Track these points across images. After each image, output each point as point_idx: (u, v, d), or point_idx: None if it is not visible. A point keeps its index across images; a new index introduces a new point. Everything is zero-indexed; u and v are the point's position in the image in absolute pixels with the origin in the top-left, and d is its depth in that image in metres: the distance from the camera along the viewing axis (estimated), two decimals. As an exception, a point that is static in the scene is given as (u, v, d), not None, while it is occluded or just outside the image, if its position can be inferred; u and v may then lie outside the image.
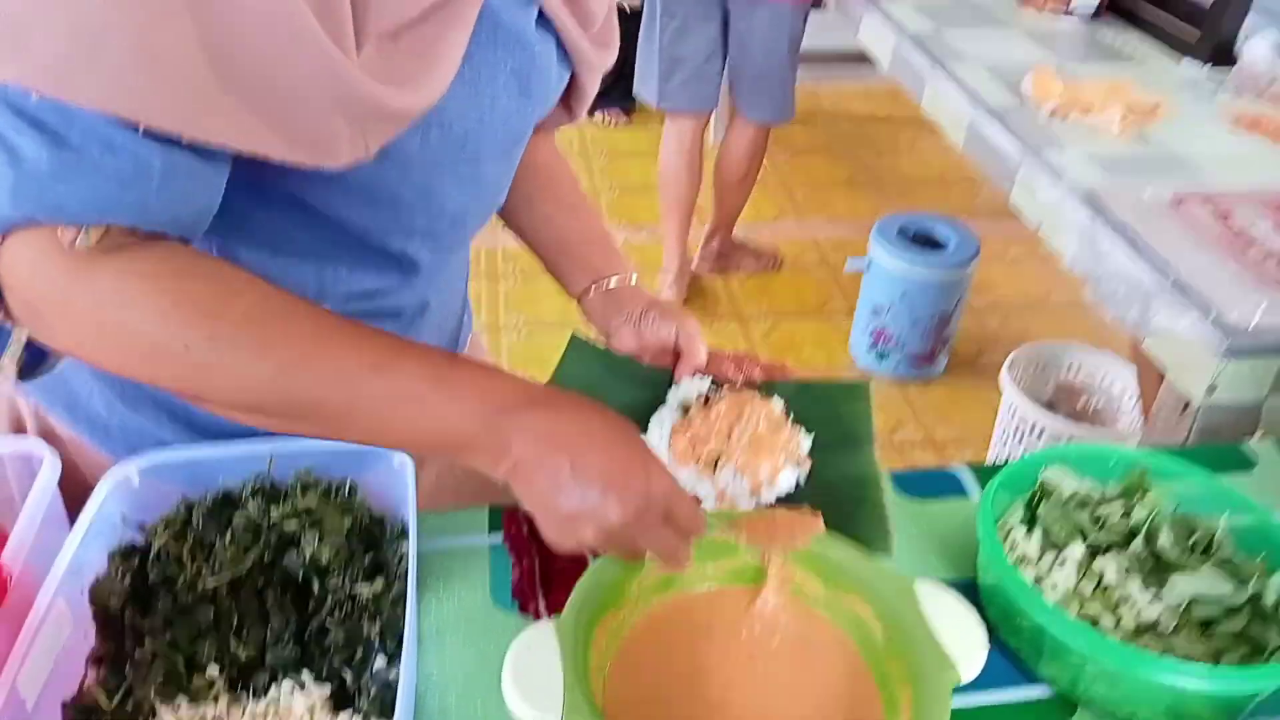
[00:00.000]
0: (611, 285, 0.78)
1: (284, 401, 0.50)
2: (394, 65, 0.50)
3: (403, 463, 0.64)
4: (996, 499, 0.65)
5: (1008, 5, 1.76)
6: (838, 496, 0.68)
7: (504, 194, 0.70)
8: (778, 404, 0.74)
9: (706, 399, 0.74)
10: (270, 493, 0.63)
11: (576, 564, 0.64)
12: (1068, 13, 1.68)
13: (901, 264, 2.01)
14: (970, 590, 0.62)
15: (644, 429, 0.72)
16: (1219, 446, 0.82)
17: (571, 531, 0.51)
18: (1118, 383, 1.79)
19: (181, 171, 0.47)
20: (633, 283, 0.79)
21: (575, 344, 0.78)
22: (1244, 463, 0.79)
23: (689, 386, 0.75)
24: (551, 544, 0.53)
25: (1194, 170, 1.20)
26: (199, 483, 0.63)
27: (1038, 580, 0.63)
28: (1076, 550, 0.64)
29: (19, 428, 0.70)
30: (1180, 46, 1.54)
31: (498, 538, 0.69)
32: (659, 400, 0.75)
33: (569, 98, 0.70)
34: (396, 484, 0.64)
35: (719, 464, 0.69)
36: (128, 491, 0.61)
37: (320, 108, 0.47)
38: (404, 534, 0.63)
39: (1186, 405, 0.95)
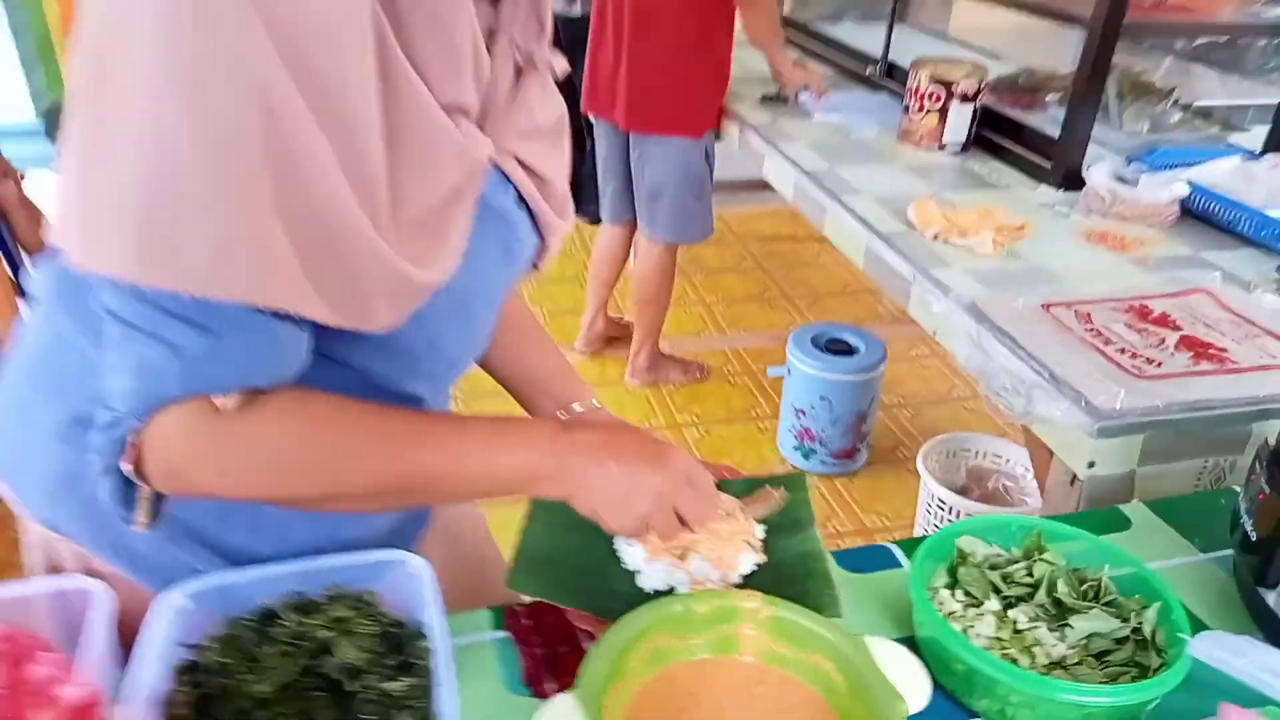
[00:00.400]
0: (577, 410, 0.89)
1: (398, 481, 0.63)
2: (419, 247, 0.61)
3: (418, 568, 0.73)
4: (923, 566, 0.78)
5: (889, 142, 2.02)
6: (791, 573, 0.80)
7: (489, 340, 0.82)
8: (730, 500, 0.86)
9: None
10: (304, 606, 0.72)
11: (576, 652, 0.74)
12: (941, 147, 1.93)
13: (818, 369, 2.20)
14: (910, 643, 0.74)
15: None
16: (1101, 510, 0.97)
17: (630, 510, 0.66)
18: (1019, 464, 1.98)
19: (293, 337, 0.58)
20: (595, 405, 0.90)
21: None
22: (1122, 523, 0.94)
23: None
24: (617, 529, 0.68)
25: (1058, 280, 1.40)
26: (239, 602, 0.71)
27: (964, 630, 0.75)
28: (993, 604, 0.77)
29: (56, 567, 0.77)
30: (1037, 174, 1.80)
31: (500, 634, 0.78)
32: None
33: (536, 256, 0.82)
34: (412, 588, 0.73)
35: (687, 555, 0.80)
36: (180, 615, 0.69)
37: (368, 285, 0.58)
38: (422, 634, 0.71)
39: (1074, 479, 1.11)
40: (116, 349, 0.56)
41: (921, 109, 1.92)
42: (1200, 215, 1.60)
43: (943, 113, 1.90)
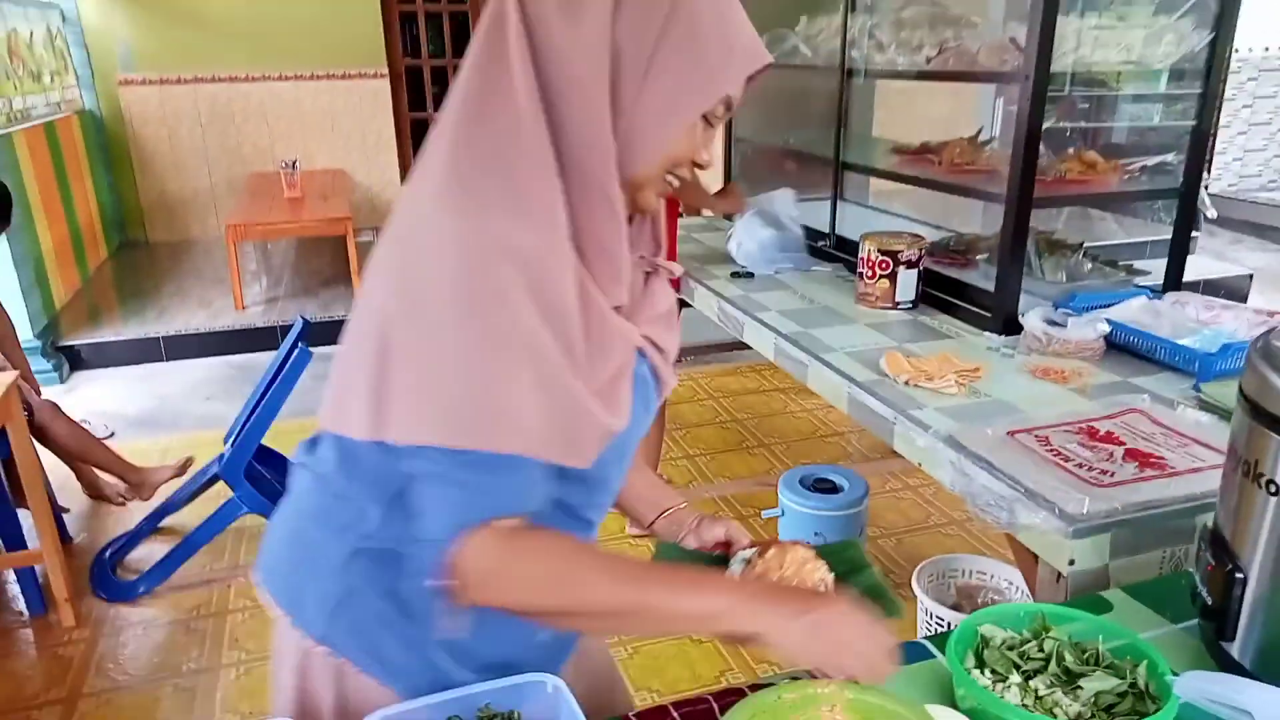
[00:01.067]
0: (670, 513, 1.14)
1: (621, 607, 0.83)
2: (608, 406, 0.85)
3: (557, 687, 0.89)
4: (955, 650, 0.96)
5: (849, 304, 2.31)
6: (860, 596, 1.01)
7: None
8: (802, 550, 1.05)
9: (749, 560, 1.06)
10: (464, 728, 0.87)
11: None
12: (894, 306, 2.23)
13: (810, 508, 2.40)
14: (958, 712, 0.91)
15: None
16: (1088, 597, 1.17)
17: (809, 649, 0.83)
18: (1003, 579, 2.17)
19: (544, 475, 0.83)
20: (682, 507, 1.15)
21: (662, 546, 1.13)
22: (1106, 606, 1.14)
23: (740, 555, 1.08)
24: (807, 660, 0.84)
25: (1015, 411, 1.65)
26: (413, 729, 0.86)
27: (998, 698, 0.93)
28: (1016, 677, 0.95)
29: (306, 678, 0.95)
30: (980, 323, 2.09)
31: (619, 743, 0.93)
32: (725, 564, 1.08)
33: None
34: (553, 706, 0.89)
35: None
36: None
37: (585, 435, 0.83)
38: (562, 745, 0.87)
39: (1059, 576, 1.31)
40: (428, 497, 0.80)
41: (874, 275, 2.22)
42: (1123, 347, 1.89)
43: (892, 277, 2.20)
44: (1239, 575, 0.94)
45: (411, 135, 7.18)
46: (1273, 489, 0.90)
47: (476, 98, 0.80)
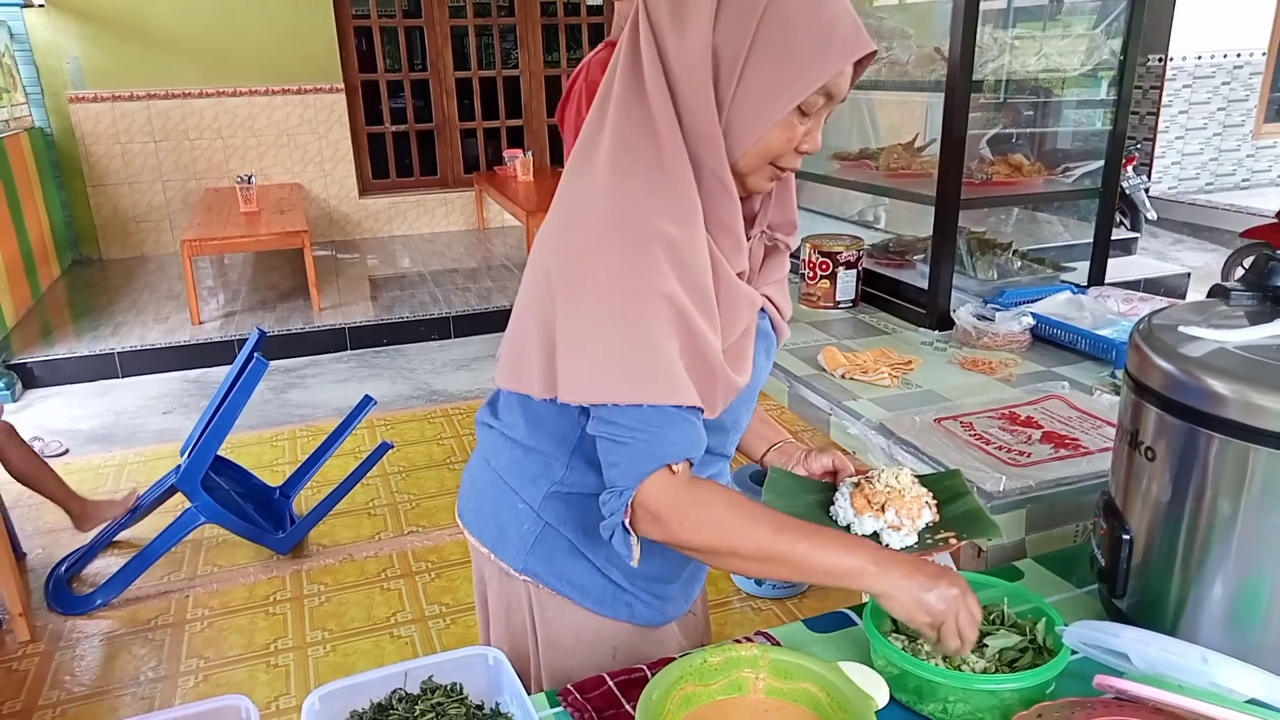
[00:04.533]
0: (779, 446, 1.25)
1: (775, 552, 0.93)
2: (734, 364, 0.97)
3: (497, 659, 0.95)
4: (873, 617, 1.02)
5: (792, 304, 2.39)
6: (961, 519, 1.10)
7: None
8: (907, 474, 1.13)
9: (858, 484, 1.13)
10: (408, 698, 0.92)
11: (620, 713, 0.96)
12: (835, 305, 2.31)
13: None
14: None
15: (832, 502, 1.14)
16: (1002, 567, 1.25)
17: (927, 610, 0.92)
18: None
19: (700, 424, 0.94)
20: (790, 440, 1.26)
21: (774, 471, 1.21)
22: (1017, 574, 1.22)
23: (849, 480, 1.15)
24: (912, 622, 0.93)
25: (944, 399, 1.73)
26: (360, 699, 0.91)
27: (909, 656, 1.00)
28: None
29: (509, 598, 1.16)
30: (915, 319, 2.18)
31: (559, 709, 0.99)
32: (833, 491, 1.16)
33: None
34: (491, 677, 0.95)
35: (885, 508, 1.08)
36: (311, 713, 0.88)
37: (718, 390, 0.95)
38: (500, 714, 0.92)
39: (979, 551, 1.39)
40: (610, 450, 0.92)
41: (815, 276, 2.30)
42: (1047, 339, 1.99)
43: (832, 278, 2.28)
44: (1126, 537, 1.03)
45: (369, 148, 7.20)
46: (1150, 455, 0.98)
47: (624, 102, 0.93)
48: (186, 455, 2.73)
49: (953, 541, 1.07)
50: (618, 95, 0.94)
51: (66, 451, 3.75)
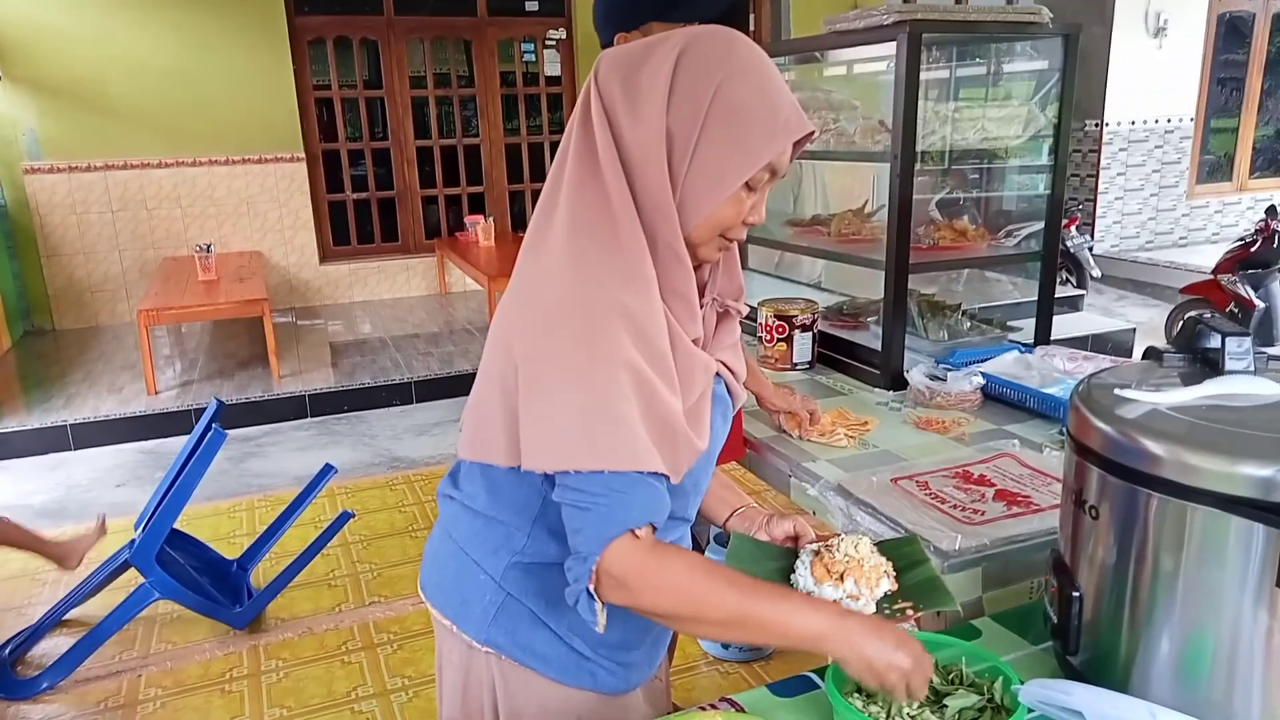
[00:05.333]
0: (741, 511, 1.27)
1: (740, 618, 0.95)
2: (694, 426, 0.99)
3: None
4: (834, 678, 1.04)
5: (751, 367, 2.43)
6: (918, 588, 1.12)
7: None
8: (866, 543, 1.14)
9: (818, 552, 1.15)
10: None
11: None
12: (793, 367, 2.36)
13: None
14: (835, 734, 0.99)
15: (792, 571, 1.15)
16: (960, 626, 1.27)
17: (881, 676, 0.95)
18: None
19: (663, 489, 0.96)
20: (752, 505, 1.28)
21: (736, 537, 1.22)
22: (975, 633, 1.24)
23: (809, 548, 1.17)
24: (867, 682, 0.96)
25: (899, 459, 1.77)
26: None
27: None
28: (888, 698, 1.04)
29: (471, 675, 1.15)
30: (870, 379, 2.23)
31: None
32: (794, 556, 1.18)
33: None
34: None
35: (844, 577, 1.10)
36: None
37: (681, 455, 0.97)
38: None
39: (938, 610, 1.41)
40: (575, 517, 0.93)
41: (772, 339, 2.35)
42: (997, 398, 2.05)
43: (789, 340, 2.34)
44: (1075, 594, 1.06)
45: (330, 215, 7.22)
46: (1095, 514, 1.02)
47: (578, 179, 0.97)
48: (141, 529, 2.67)
49: (909, 613, 1.09)
50: (572, 173, 0.98)
51: (14, 528, 3.64)
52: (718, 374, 1.09)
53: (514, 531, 1.07)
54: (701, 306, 1.07)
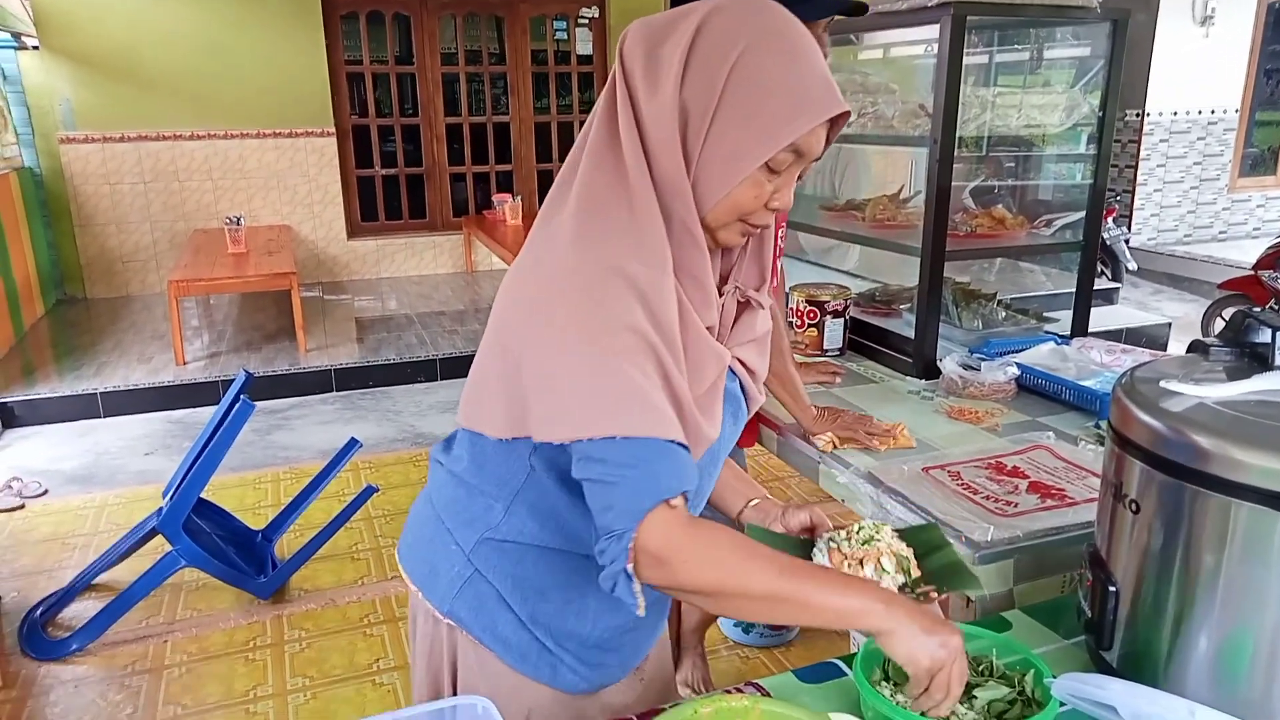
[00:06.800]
0: (755, 503, 1.22)
1: (780, 592, 0.89)
2: (706, 415, 0.94)
3: (487, 709, 0.94)
4: (863, 665, 1.03)
5: (781, 351, 2.41)
6: (941, 572, 1.09)
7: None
8: (887, 530, 1.12)
9: (835, 540, 1.12)
10: (397, 750, 0.91)
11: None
12: (823, 353, 2.34)
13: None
14: (863, 722, 0.98)
15: (810, 559, 1.11)
16: (990, 618, 1.25)
17: (929, 653, 0.89)
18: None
19: (689, 457, 0.89)
20: (768, 498, 1.23)
21: (751, 528, 1.19)
22: (1005, 625, 1.22)
23: (826, 537, 1.14)
24: (910, 669, 0.90)
25: (932, 448, 1.75)
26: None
27: (900, 708, 1.00)
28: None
29: (437, 647, 1.11)
30: (902, 368, 2.20)
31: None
32: (810, 548, 1.14)
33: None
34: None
35: (863, 563, 1.07)
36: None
37: (692, 434, 0.90)
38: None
39: (968, 601, 1.40)
40: (602, 494, 0.87)
41: (803, 324, 2.33)
42: (1031, 389, 2.01)
43: (819, 326, 2.31)
44: (1112, 589, 1.04)
45: (359, 190, 7.25)
46: (1135, 508, 1.00)
47: (597, 152, 0.93)
48: (169, 497, 2.70)
49: (932, 595, 1.05)
50: (592, 145, 0.94)
51: (46, 492, 3.70)
52: (732, 370, 1.03)
53: (493, 504, 1.03)
54: (721, 294, 1.01)
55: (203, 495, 2.78)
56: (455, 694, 1.09)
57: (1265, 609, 0.91)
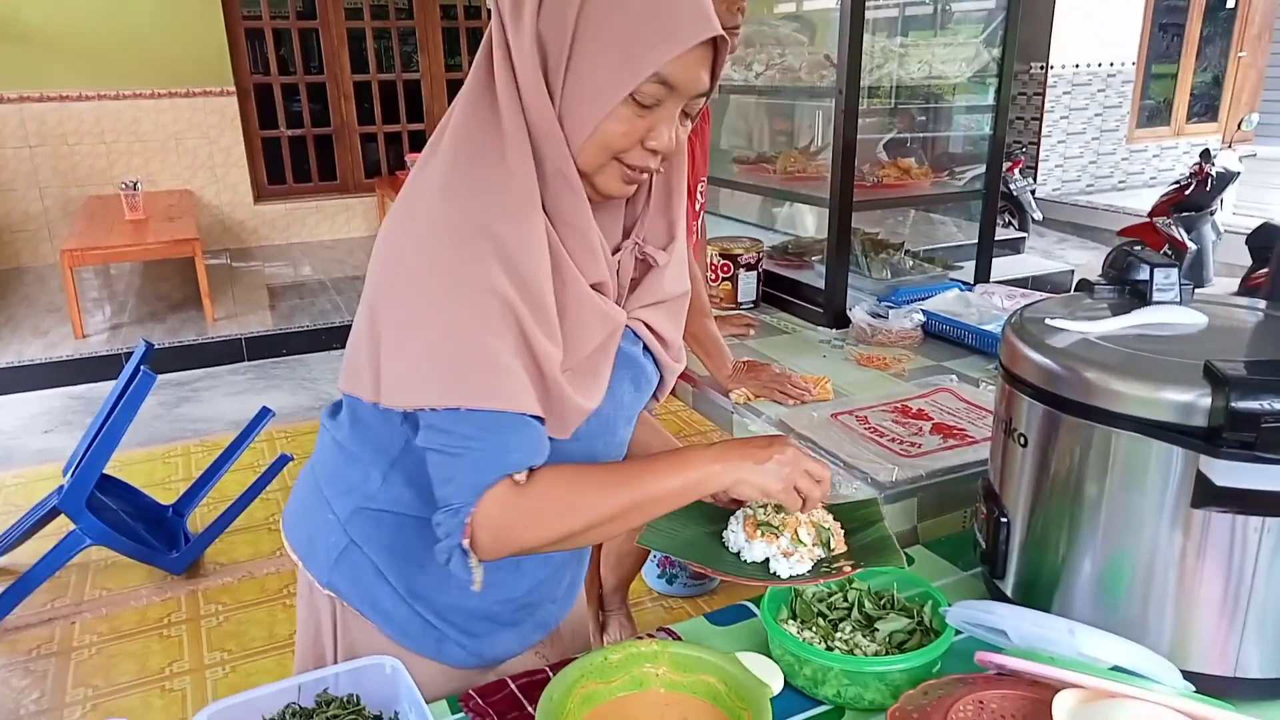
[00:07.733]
0: None
1: (631, 504, 0.88)
2: (581, 383, 0.89)
3: (394, 668, 0.93)
4: (770, 607, 1.05)
5: (696, 305, 2.42)
6: (867, 548, 1.04)
7: (626, 449, 1.08)
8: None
9: (752, 510, 1.05)
10: (303, 712, 0.90)
11: (523, 715, 0.96)
12: (737, 306, 2.36)
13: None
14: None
15: (724, 528, 1.06)
16: (892, 556, 1.29)
17: (778, 477, 0.91)
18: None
19: (542, 431, 0.86)
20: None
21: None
22: (908, 561, 1.26)
23: (746, 508, 1.06)
24: (774, 494, 0.92)
25: (842, 394, 1.79)
26: (252, 716, 0.88)
27: (805, 644, 1.03)
28: (821, 623, 1.05)
29: (318, 616, 1.08)
30: (814, 318, 2.24)
31: (461, 716, 0.98)
32: (728, 515, 1.08)
33: (656, 390, 1.08)
34: (389, 686, 0.93)
35: (780, 534, 1.01)
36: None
37: (556, 407, 0.87)
38: (398, 724, 0.91)
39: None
40: (443, 465, 0.84)
41: (717, 278, 2.34)
42: (936, 335, 2.07)
43: (733, 280, 2.33)
44: (1004, 520, 1.08)
45: (264, 152, 6.97)
46: (1023, 441, 1.04)
47: (472, 95, 0.88)
48: (69, 475, 2.59)
49: (846, 570, 1.01)
50: (468, 85, 0.88)
51: (-64, 476, 3.52)
52: (636, 333, 0.97)
53: (370, 471, 0.99)
54: (617, 250, 0.95)
55: (108, 472, 2.68)
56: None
57: (1142, 533, 0.96)
